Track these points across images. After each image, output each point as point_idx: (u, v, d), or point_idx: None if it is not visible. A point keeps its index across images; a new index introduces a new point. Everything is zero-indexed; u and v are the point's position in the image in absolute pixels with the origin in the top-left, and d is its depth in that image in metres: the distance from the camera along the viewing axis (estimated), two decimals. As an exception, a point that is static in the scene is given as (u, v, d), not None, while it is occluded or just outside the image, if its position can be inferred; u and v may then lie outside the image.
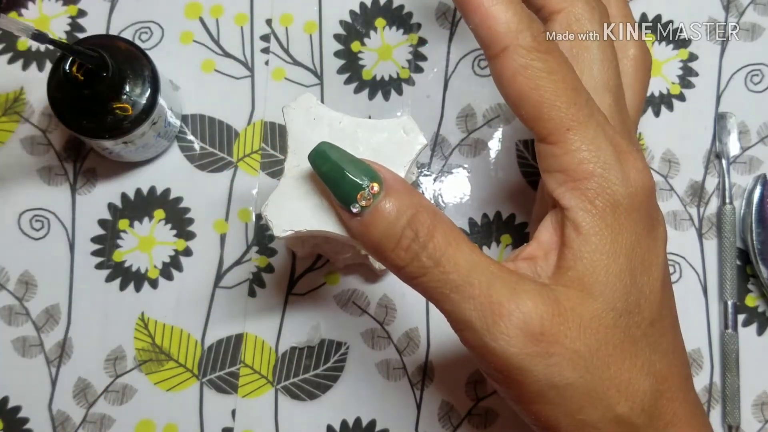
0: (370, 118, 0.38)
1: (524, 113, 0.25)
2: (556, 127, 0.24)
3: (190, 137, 0.38)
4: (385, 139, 0.28)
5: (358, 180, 0.24)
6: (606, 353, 0.24)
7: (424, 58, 0.39)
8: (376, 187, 0.24)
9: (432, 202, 0.38)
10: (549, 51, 0.25)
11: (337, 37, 0.40)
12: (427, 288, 0.24)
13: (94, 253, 0.37)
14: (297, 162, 0.27)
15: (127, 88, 0.33)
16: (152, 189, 0.38)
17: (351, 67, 0.39)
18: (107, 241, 0.37)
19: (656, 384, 0.25)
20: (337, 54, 0.39)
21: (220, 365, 0.36)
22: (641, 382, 0.24)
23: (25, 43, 0.39)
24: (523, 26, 0.24)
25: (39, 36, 0.27)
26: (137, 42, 0.39)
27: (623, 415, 0.24)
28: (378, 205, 0.24)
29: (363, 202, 0.24)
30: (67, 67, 0.31)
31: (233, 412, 0.36)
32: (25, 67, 0.39)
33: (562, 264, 0.25)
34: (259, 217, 0.38)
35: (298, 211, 0.26)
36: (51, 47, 0.29)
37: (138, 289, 0.37)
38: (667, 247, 0.26)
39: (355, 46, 0.39)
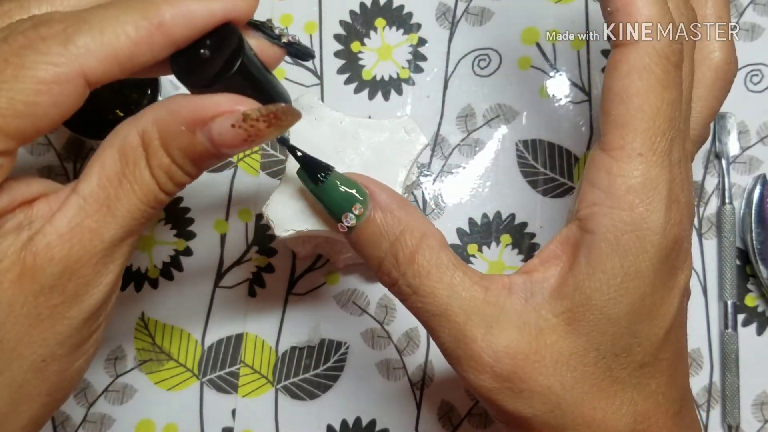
0: (370, 118, 0.38)
1: (613, 114, 0.23)
2: (631, 145, 0.23)
3: (190, 137, 0.38)
4: (386, 139, 0.28)
5: (343, 202, 0.24)
6: (581, 390, 0.23)
7: (424, 58, 0.39)
8: (358, 208, 0.24)
9: (432, 202, 0.38)
10: (676, 65, 0.23)
11: (337, 37, 0.40)
12: (410, 310, 0.24)
13: (95, 253, 0.37)
14: (298, 163, 0.27)
15: (128, 88, 0.33)
16: (152, 189, 0.38)
17: (351, 67, 0.39)
18: (107, 241, 0.37)
19: (634, 423, 0.24)
20: (337, 54, 0.39)
21: (220, 365, 0.36)
22: (617, 421, 0.24)
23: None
24: (665, 27, 0.23)
25: None
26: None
27: None
28: (361, 226, 0.24)
29: (348, 222, 0.24)
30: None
31: (233, 412, 0.36)
32: (25, 67, 0.39)
33: (561, 289, 0.24)
34: (259, 217, 0.38)
35: (299, 211, 0.26)
36: None
37: (138, 288, 0.37)
38: (688, 291, 0.25)
39: (355, 46, 0.39)
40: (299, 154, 0.24)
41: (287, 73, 0.39)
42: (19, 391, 0.21)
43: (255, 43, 0.22)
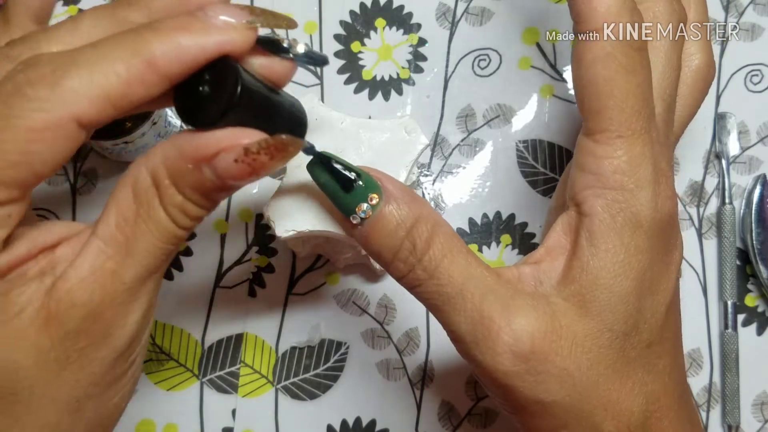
0: (370, 118, 0.38)
1: (586, 102, 0.24)
2: (610, 128, 0.24)
3: (191, 137, 0.38)
4: (387, 139, 0.28)
5: (358, 192, 0.24)
6: (597, 372, 0.23)
7: (424, 58, 0.39)
8: (375, 199, 0.24)
9: (432, 202, 0.38)
10: (638, 49, 0.24)
11: (337, 37, 0.40)
12: (423, 297, 0.24)
13: (95, 253, 0.37)
14: (299, 162, 0.27)
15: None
16: (152, 189, 0.38)
17: (351, 67, 0.39)
18: (107, 241, 0.37)
19: (646, 404, 0.24)
20: (337, 54, 0.39)
21: (221, 365, 0.36)
22: (631, 402, 0.24)
23: (25, 43, 0.39)
24: (624, 14, 0.24)
25: None
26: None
27: None
28: (377, 217, 0.24)
29: (362, 214, 0.24)
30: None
31: (233, 412, 0.36)
32: (25, 67, 0.39)
33: (567, 274, 0.24)
34: (259, 217, 0.38)
35: (300, 212, 0.26)
36: None
37: (138, 289, 0.37)
38: (680, 271, 0.26)
39: (355, 46, 0.39)
40: (336, 165, 0.24)
41: (287, 73, 0.39)
42: (56, 431, 0.21)
43: (263, 60, 0.22)
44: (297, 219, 0.26)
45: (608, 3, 0.24)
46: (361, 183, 0.24)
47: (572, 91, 0.38)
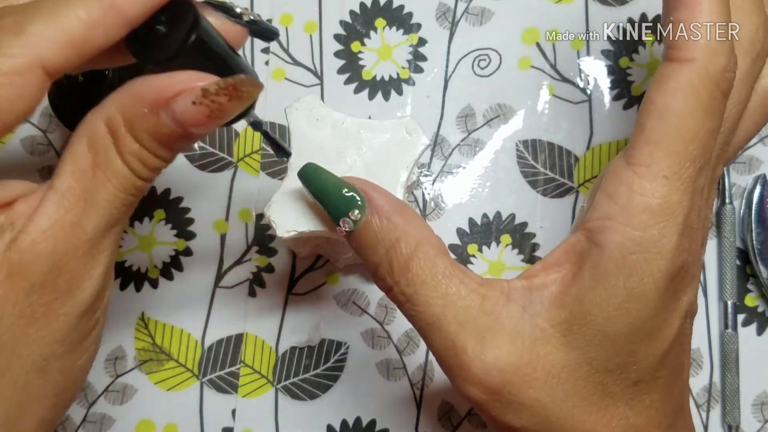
0: (370, 118, 0.38)
1: (648, 128, 0.22)
2: (658, 165, 0.22)
3: (190, 137, 0.38)
4: (387, 139, 0.28)
5: (341, 206, 0.24)
6: (572, 404, 0.23)
7: (424, 58, 0.39)
8: (355, 214, 0.24)
9: (432, 202, 0.38)
10: (725, 93, 0.23)
11: (337, 37, 0.40)
12: (404, 314, 0.24)
13: (94, 253, 0.37)
14: (300, 163, 0.27)
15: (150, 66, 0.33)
16: (152, 189, 0.38)
17: (351, 67, 0.39)
18: (107, 241, 0.37)
19: None
20: (337, 54, 0.39)
21: (220, 365, 0.36)
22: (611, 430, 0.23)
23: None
24: (724, 51, 0.22)
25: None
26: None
27: None
28: (359, 231, 0.24)
29: (345, 227, 0.24)
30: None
31: (233, 412, 0.36)
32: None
33: (561, 299, 0.23)
34: (259, 217, 0.38)
35: (301, 212, 0.26)
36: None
37: (138, 288, 0.37)
38: (689, 314, 0.25)
39: (355, 46, 0.39)
40: (271, 135, 0.25)
41: (287, 74, 0.39)
42: (24, 393, 0.21)
43: (216, 22, 0.22)
44: (298, 220, 0.26)
45: (709, 37, 0.22)
46: (347, 194, 0.24)
47: (572, 91, 0.38)
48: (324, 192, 0.24)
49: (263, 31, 0.23)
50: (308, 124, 0.28)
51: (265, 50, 0.39)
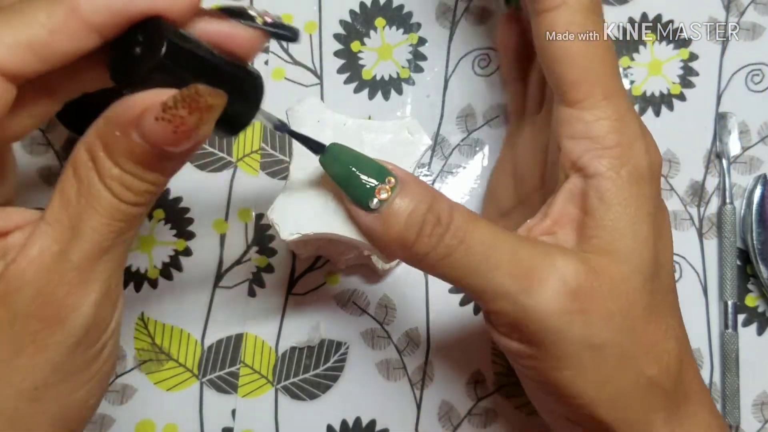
0: (370, 118, 0.38)
1: (564, 74, 0.25)
2: (594, 93, 0.25)
3: (190, 137, 0.38)
4: (389, 140, 0.28)
5: (373, 176, 0.24)
6: (635, 315, 0.24)
7: (424, 58, 0.39)
8: (393, 180, 0.24)
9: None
10: (601, 18, 0.25)
11: (337, 36, 0.39)
12: (453, 267, 0.24)
13: (94, 253, 0.37)
14: (302, 165, 0.27)
15: (127, 89, 0.33)
16: (152, 189, 0.38)
17: (351, 66, 0.39)
18: (107, 241, 0.37)
19: (678, 348, 0.25)
20: (337, 54, 0.39)
21: (220, 365, 0.36)
22: (667, 345, 0.25)
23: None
24: None
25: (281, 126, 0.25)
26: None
27: (654, 378, 0.24)
28: (396, 198, 0.24)
29: (383, 195, 0.24)
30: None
31: (233, 412, 0.36)
32: (24, 66, 0.39)
33: (585, 233, 0.25)
34: (259, 217, 0.38)
35: (304, 214, 0.26)
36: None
37: (138, 289, 0.37)
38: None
39: (355, 45, 0.39)
40: (299, 133, 0.25)
41: (287, 73, 0.39)
42: (12, 421, 0.21)
43: (227, 29, 0.21)
44: (301, 221, 0.26)
45: None
46: (376, 168, 0.24)
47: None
48: (358, 164, 0.24)
49: (282, 33, 0.23)
50: (310, 126, 0.28)
51: (265, 50, 0.39)
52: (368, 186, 0.24)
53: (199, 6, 0.20)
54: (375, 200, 0.24)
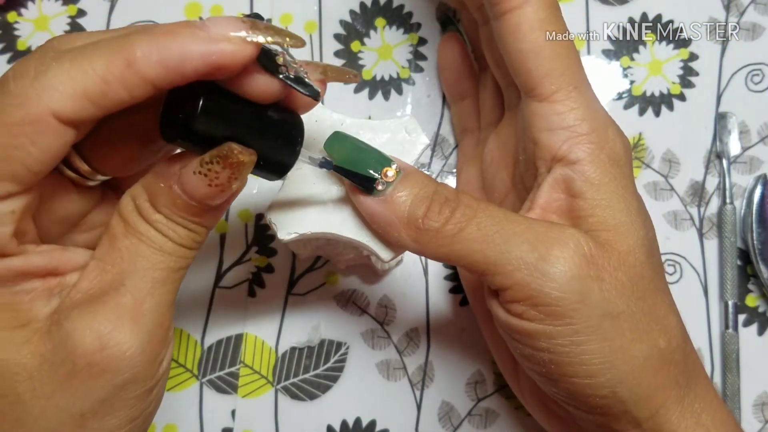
0: (370, 118, 0.38)
1: (534, 68, 0.26)
2: (564, 85, 0.25)
3: (190, 137, 0.38)
4: (388, 139, 0.28)
5: (378, 159, 0.25)
6: (643, 287, 0.24)
7: (424, 57, 0.39)
8: (395, 166, 0.25)
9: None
10: (558, 8, 0.26)
11: (337, 36, 0.39)
12: (467, 241, 0.24)
13: (94, 253, 0.37)
14: (300, 165, 0.27)
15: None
16: (152, 189, 0.38)
17: (351, 66, 0.39)
18: (107, 241, 0.37)
19: (679, 322, 0.25)
20: (337, 54, 0.39)
21: (220, 365, 0.36)
22: (672, 317, 0.25)
23: (24, 42, 0.39)
24: None
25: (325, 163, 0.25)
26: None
27: (665, 351, 0.24)
28: (402, 181, 0.25)
29: (389, 175, 0.24)
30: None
31: (233, 412, 0.36)
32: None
33: (578, 214, 0.25)
34: (259, 217, 0.38)
35: (302, 214, 0.26)
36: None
37: (138, 289, 0.37)
38: None
39: (355, 45, 0.39)
40: (346, 168, 0.25)
41: (287, 73, 0.39)
42: None
43: (256, 75, 0.21)
44: (300, 221, 0.26)
45: None
46: (379, 152, 0.25)
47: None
48: (362, 150, 0.25)
49: (301, 90, 0.22)
50: (309, 125, 0.28)
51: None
52: (375, 164, 0.24)
53: (254, 61, 0.20)
54: (381, 183, 0.24)
